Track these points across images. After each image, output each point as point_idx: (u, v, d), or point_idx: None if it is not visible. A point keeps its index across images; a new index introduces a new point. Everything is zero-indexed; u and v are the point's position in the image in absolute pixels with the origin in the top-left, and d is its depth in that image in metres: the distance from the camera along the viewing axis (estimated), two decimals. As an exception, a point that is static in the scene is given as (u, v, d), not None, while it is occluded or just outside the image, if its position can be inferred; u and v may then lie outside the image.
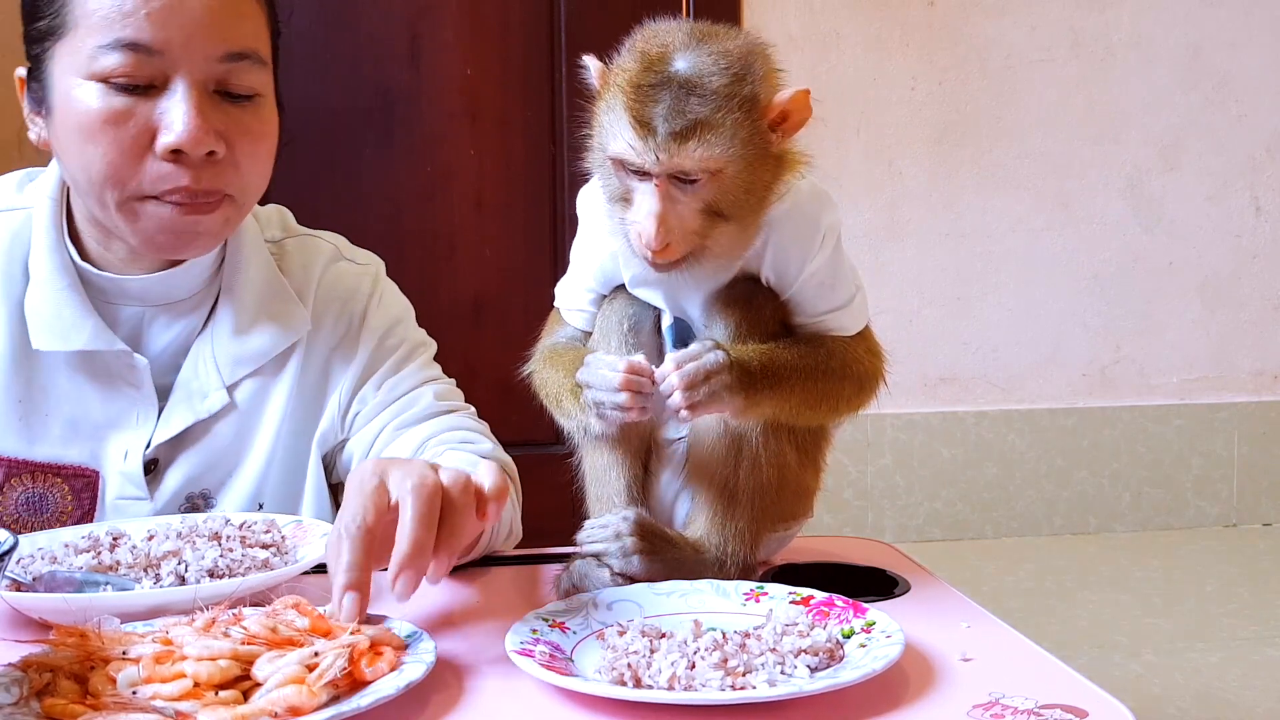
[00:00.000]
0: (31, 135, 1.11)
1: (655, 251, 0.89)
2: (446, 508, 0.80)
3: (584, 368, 0.94)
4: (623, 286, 1.01)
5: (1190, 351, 3.07)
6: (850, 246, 1.02)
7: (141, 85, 1.01)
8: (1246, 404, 3.07)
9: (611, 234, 0.95)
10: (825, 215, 0.97)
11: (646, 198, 0.89)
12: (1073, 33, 2.96)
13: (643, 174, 0.90)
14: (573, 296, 1.05)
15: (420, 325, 1.27)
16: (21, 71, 1.10)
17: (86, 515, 1.12)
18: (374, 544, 0.79)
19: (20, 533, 1.08)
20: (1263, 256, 3.08)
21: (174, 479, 1.14)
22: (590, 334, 1.04)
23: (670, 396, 0.89)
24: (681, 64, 0.88)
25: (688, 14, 2.77)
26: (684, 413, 0.89)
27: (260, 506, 1.16)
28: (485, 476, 0.84)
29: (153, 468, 1.13)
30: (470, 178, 2.73)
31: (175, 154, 1.02)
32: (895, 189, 2.94)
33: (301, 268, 1.21)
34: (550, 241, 2.70)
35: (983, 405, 3.01)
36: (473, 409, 1.21)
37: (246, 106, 1.06)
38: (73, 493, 1.11)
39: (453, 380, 1.24)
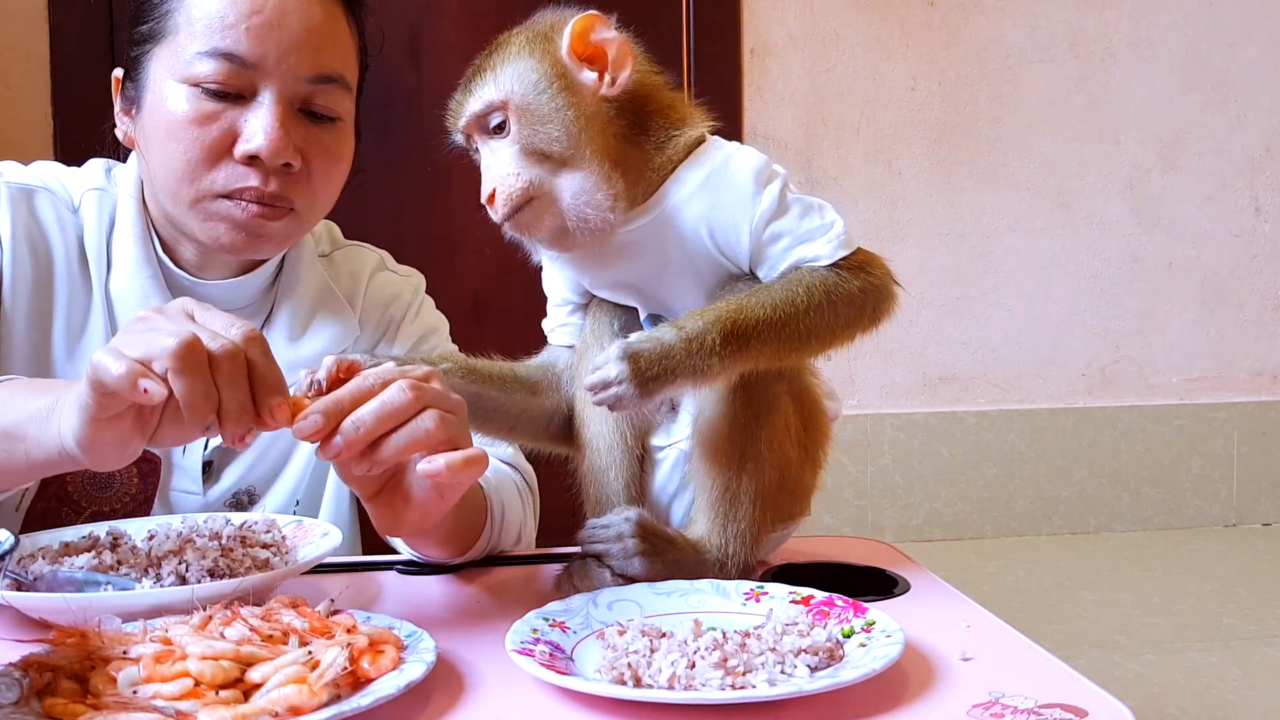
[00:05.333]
0: (119, 133, 1.16)
1: (486, 203, 0.94)
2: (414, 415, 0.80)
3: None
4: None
5: (1190, 351, 3.07)
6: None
7: (231, 93, 1.06)
8: (1246, 404, 3.08)
9: None
10: (741, 168, 0.95)
11: None
12: (1072, 33, 2.96)
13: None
14: (554, 316, 1.07)
15: (420, 324, 1.28)
16: (118, 72, 1.15)
17: (147, 501, 1.15)
18: (363, 394, 0.79)
19: (81, 509, 1.12)
20: (1262, 256, 3.08)
21: (228, 479, 1.18)
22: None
23: None
24: None
25: (687, 15, 2.78)
26: (614, 409, 0.90)
27: (298, 503, 1.20)
28: (471, 450, 0.83)
29: (209, 469, 1.17)
30: (470, 178, 2.72)
31: (251, 159, 1.06)
32: (895, 189, 2.94)
33: (350, 274, 1.26)
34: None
35: (982, 405, 3.01)
36: None
37: (327, 128, 1.11)
38: (140, 476, 1.14)
39: None
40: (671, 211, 0.95)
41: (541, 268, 1.06)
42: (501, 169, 0.93)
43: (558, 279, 1.05)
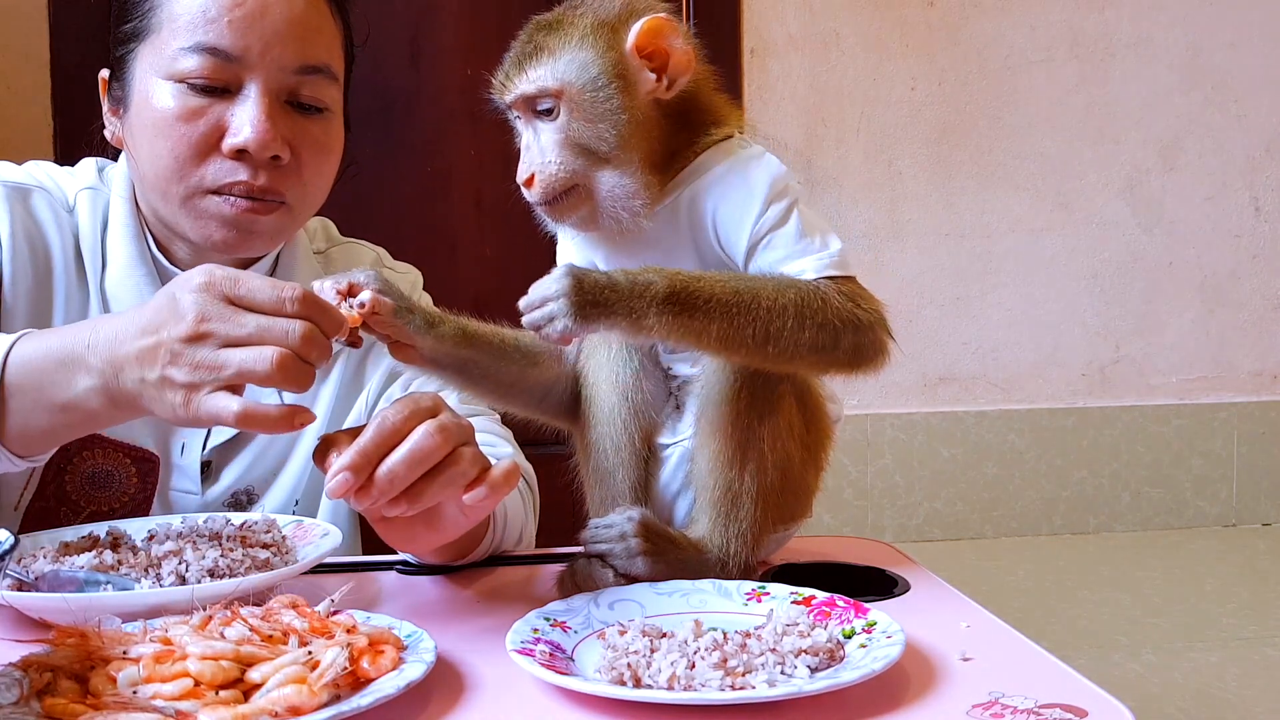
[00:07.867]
0: (107, 133, 1.16)
1: (523, 184, 0.93)
2: (447, 456, 0.80)
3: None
4: None
5: (1190, 351, 3.07)
6: (850, 246, 1.00)
7: (217, 88, 1.05)
8: (1246, 404, 3.07)
9: None
10: (760, 171, 0.95)
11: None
12: (1073, 33, 2.96)
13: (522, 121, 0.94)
14: None
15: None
16: (104, 73, 1.15)
17: (146, 500, 1.15)
18: (386, 440, 0.79)
19: (80, 509, 1.12)
20: (1262, 256, 3.08)
21: (227, 479, 1.18)
22: None
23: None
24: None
25: (687, 15, 2.78)
26: (544, 331, 0.86)
27: (297, 503, 1.20)
28: (500, 464, 0.84)
29: (207, 469, 1.17)
30: (470, 178, 2.74)
31: (240, 153, 1.06)
32: (895, 189, 2.94)
33: (346, 272, 1.23)
34: (550, 241, 2.70)
35: (983, 405, 3.01)
36: (497, 415, 1.23)
37: (315, 119, 1.11)
38: (139, 475, 1.14)
39: None
40: (690, 196, 0.96)
41: (555, 243, 1.06)
42: (544, 155, 0.93)
43: (574, 255, 1.04)
